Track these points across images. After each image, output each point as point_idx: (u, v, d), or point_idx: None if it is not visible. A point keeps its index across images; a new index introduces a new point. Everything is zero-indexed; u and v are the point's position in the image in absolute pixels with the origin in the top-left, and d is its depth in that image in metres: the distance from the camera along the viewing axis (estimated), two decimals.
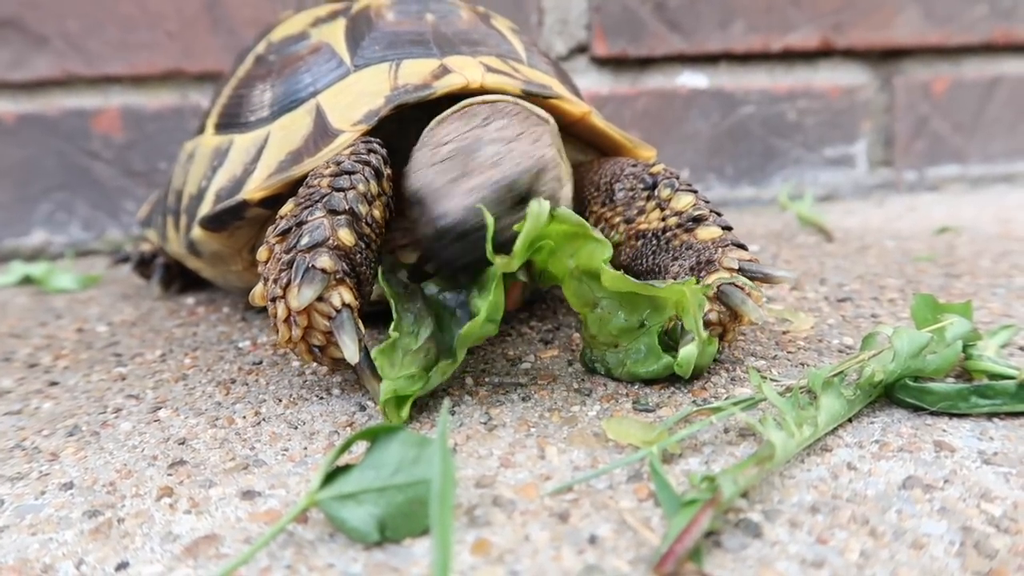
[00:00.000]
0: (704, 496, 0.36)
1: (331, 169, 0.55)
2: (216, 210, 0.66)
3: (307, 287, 0.49)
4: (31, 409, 0.56)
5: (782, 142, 1.38)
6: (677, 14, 1.29)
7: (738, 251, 0.57)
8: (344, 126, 0.61)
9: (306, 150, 0.63)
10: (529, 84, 0.63)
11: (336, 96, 0.64)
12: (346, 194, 0.53)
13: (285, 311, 0.51)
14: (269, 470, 0.45)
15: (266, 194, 0.62)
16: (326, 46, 0.69)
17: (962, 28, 1.40)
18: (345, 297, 0.50)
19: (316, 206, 0.53)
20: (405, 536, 0.37)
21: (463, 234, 0.50)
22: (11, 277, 1.00)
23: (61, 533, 0.39)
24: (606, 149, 0.71)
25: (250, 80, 0.73)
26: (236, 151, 0.69)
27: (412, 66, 0.64)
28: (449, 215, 0.50)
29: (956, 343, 0.50)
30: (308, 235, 0.51)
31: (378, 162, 0.57)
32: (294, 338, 0.51)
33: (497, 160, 0.51)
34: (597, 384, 0.54)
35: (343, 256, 0.51)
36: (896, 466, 0.42)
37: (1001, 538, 0.35)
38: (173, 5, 1.16)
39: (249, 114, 0.71)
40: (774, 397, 0.44)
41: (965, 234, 1.03)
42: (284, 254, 0.51)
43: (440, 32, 0.68)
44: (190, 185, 0.74)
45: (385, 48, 0.67)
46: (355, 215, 0.53)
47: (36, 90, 1.15)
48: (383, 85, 0.63)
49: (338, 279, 0.50)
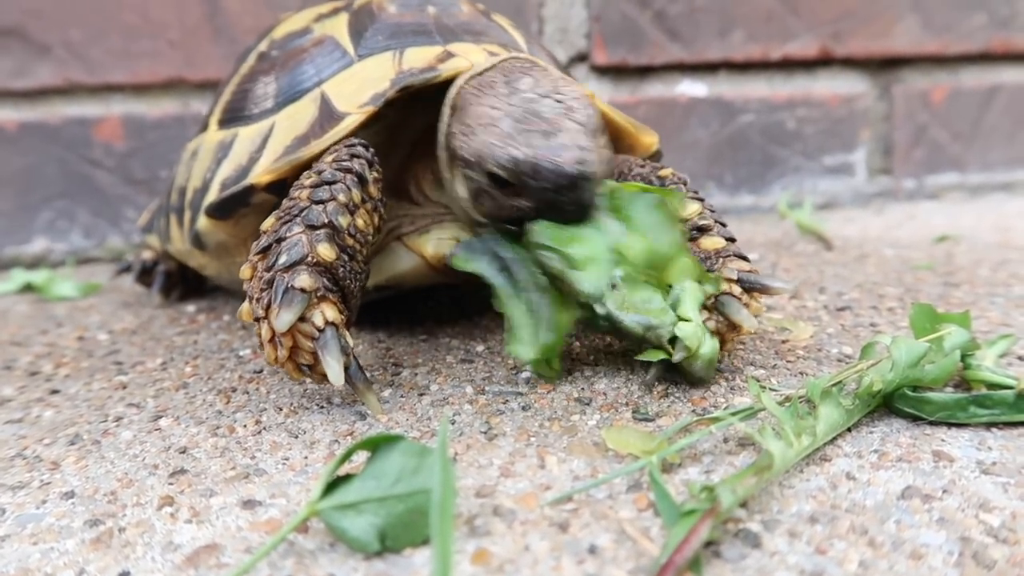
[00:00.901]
0: (703, 506, 0.36)
1: (311, 179, 0.55)
2: (222, 196, 0.66)
3: (286, 310, 0.49)
4: (32, 417, 0.56)
5: (781, 150, 1.38)
6: (677, 23, 1.29)
7: (739, 262, 0.57)
8: (350, 109, 0.62)
9: (312, 134, 0.63)
10: None
11: (341, 84, 0.65)
12: (326, 206, 0.53)
13: (269, 331, 0.50)
14: (270, 479, 0.45)
15: (273, 177, 0.62)
16: (329, 38, 0.70)
17: (960, 37, 1.40)
18: (328, 314, 0.50)
19: (295, 221, 0.52)
20: (405, 546, 0.37)
21: (589, 176, 0.51)
22: (12, 285, 1.00)
23: (62, 542, 0.40)
24: (608, 134, 0.71)
25: (253, 75, 0.74)
26: (241, 142, 0.70)
27: (416, 52, 0.64)
28: (569, 166, 0.50)
29: (954, 353, 0.50)
30: (286, 253, 0.51)
31: (361, 167, 0.57)
32: (280, 358, 0.51)
33: (565, 111, 0.53)
34: (597, 393, 0.54)
35: (324, 272, 0.51)
36: (895, 476, 0.42)
37: (999, 548, 0.36)
38: (175, 14, 1.16)
39: (253, 107, 0.71)
40: (773, 407, 0.44)
41: (964, 243, 1.03)
42: (265, 272, 0.51)
43: (442, 23, 0.69)
44: (194, 180, 0.75)
45: (388, 38, 0.67)
46: (335, 228, 0.53)
47: (38, 98, 1.16)
48: (388, 71, 0.63)
49: (320, 296, 0.50)
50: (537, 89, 0.55)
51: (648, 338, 0.51)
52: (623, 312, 0.51)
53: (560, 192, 0.51)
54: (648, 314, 0.51)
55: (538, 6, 1.25)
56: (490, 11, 0.77)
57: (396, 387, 0.57)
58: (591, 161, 0.51)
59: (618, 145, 0.71)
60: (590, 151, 0.51)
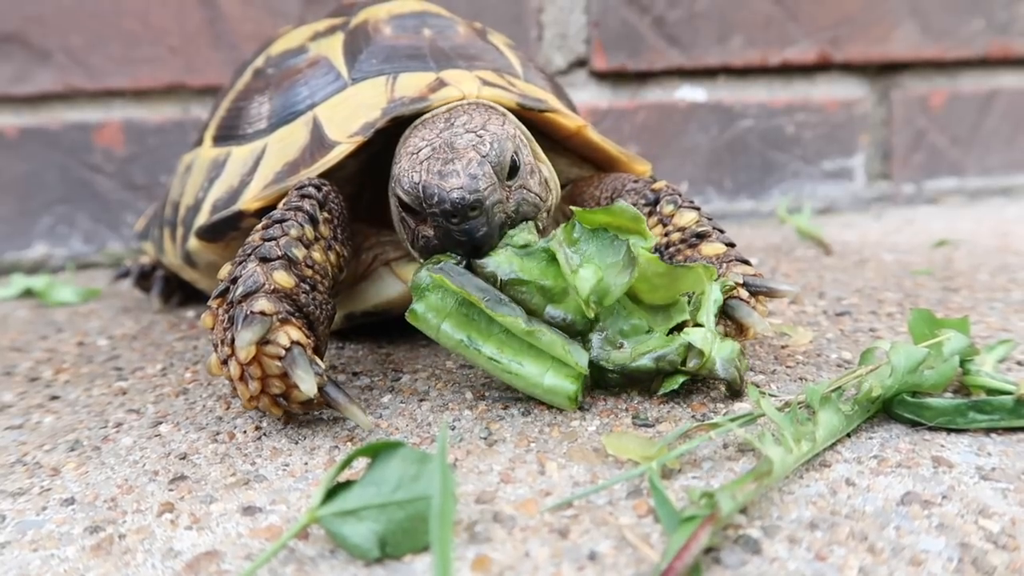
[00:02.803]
0: (703, 512, 0.36)
1: (263, 223, 0.55)
2: (212, 220, 0.66)
3: (246, 331, 0.47)
4: (32, 423, 0.56)
5: (780, 155, 1.39)
6: (676, 29, 1.30)
7: (742, 266, 0.58)
8: (340, 137, 0.62)
9: (302, 161, 0.63)
10: (525, 98, 0.64)
11: (333, 108, 0.65)
12: (277, 241, 0.53)
13: (238, 368, 0.49)
14: (270, 485, 0.45)
15: (262, 204, 0.63)
16: (324, 59, 0.69)
17: (959, 42, 1.41)
18: (293, 335, 0.49)
19: (248, 259, 0.52)
20: (406, 553, 0.37)
21: (474, 205, 0.50)
22: (12, 290, 1.00)
23: (62, 549, 0.40)
24: (601, 163, 0.71)
25: (248, 93, 0.74)
26: (233, 162, 0.70)
27: (409, 79, 0.64)
28: (455, 191, 0.50)
29: (953, 358, 0.50)
30: (242, 285, 0.50)
31: (312, 207, 0.57)
32: (253, 393, 0.49)
33: (477, 143, 0.54)
34: (596, 399, 0.54)
35: (284, 298, 0.51)
36: (894, 482, 0.42)
37: (999, 554, 0.36)
38: (175, 20, 1.17)
39: (247, 126, 0.71)
40: (772, 413, 0.44)
41: (963, 247, 1.03)
42: (225, 313, 0.51)
43: (437, 46, 0.69)
44: (187, 197, 0.75)
45: (382, 62, 0.67)
46: (291, 259, 0.52)
47: (39, 104, 1.16)
48: (380, 98, 0.63)
49: (282, 319, 0.49)
50: (468, 124, 0.56)
51: (663, 368, 0.51)
52: (637, 359, 0.51)
53: (449, 219, 0.51)
54: (651, 347, 0.51)
55: (537, 12, 1.25)
56: (487, 30, 0.77)
57: (396, 393, 0.57)
58: (478, 191, 0.50)
59: (611, 173, 0.72)
60: (480, 180, 0.51)
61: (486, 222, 0.51)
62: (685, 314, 0.52)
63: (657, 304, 0.53)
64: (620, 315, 0.52)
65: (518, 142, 0.56)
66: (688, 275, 0.52)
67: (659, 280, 0.52)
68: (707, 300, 0.52)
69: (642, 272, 0.51)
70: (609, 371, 0.52)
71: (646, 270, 0.51)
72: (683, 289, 0.52)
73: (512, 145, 0.55)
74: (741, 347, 0.52)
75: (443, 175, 0.51)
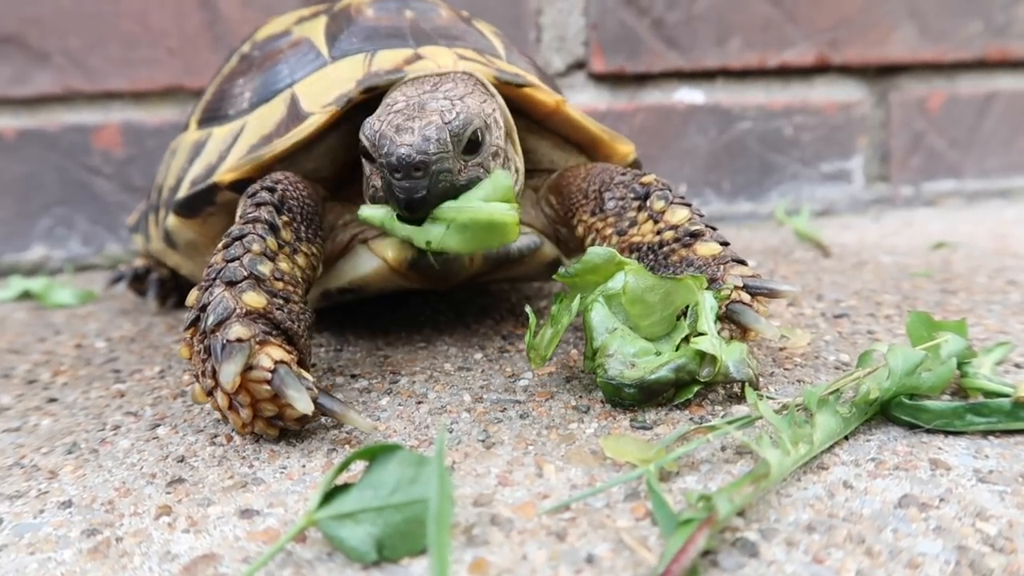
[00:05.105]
0: (701, 515, 0.36)
1: (223, 242, 0.54)
2: (188, 194, 0.67)
3: (228, 363, 0.47)
4: (30, 426, 0.56)
5: (779, 157, 1.39)
6: (674, 31, 1.30)
7: (740, 267, 0.57)
8: (315, 108, 0.63)
9: (276, 133, 0.64)
10: (501, 72, 0.64)
11: (311, 85, 0.66)
12: (241, 260, 0.52)
13: (225, 399, 0.49)
14: (268, 488, 0.45)
15: (236, 176, 0.63)
16: (306, 40, 0.70)
17: (957, 45, 1.41)
18: (275, 355, 0.48)
19: (214, 284, 0.51)
20: (403, 555, 0.37)
21: (418, 165, 0.51)
22: (10, 292, 1.00)
23: (60, 552, 0.39)
24: (583, 144, 0.71)
25: (232, 76, 0.75)
26: (213, 141, 0.70)
27: (387, 54, 0.65)
28: (403, 147, 0.51)
29: (951, 361, 0.50)
30: (212, 313, 0.49)
31: (270, 214, 0.56)
32: (246, 420, 0.49)
33: (445, 110, 0.54)
34: (595, 401, 0.54)
35: (258, 317, 0.50)
36: (892, 484, 0.42)
37: (996, 557, 0.36)
38: (174, 22, 1.17)
39: (229, 108, 0.72)
40: (770, 415, 0.44)
41: (961, 250, 1.03)
42: (200, 344, 0.50)
43: (419, 27, 0.70)
44: (170, 178, 0.76)
45: (363, 41, 0.68)
46: (258, 277, 0.52)
47: (37, 106, 1.16)
48: (357, 72, 0.64)
49: (260, 341, 0.48)
50: (449, 92, 0.57)
51: (682, 379, 0.51)
52: (655, 371, 0.51)
53: (392, 173, 0.52)
54: (667, 360, 0.51)
55: (536, 14, 1.25)
56: (472, 17, 0.77)
57: (394, 395, 0.57)
58: (425, 152, 0.51)
59: (594, 155, 0.72)
60: (431, 144, 0.52)
61: (426, 186, 0.52)
62: (684, 331, 0.52)
63: (658, 336, 0.53)
64: (627, 341, 0.52)
65: (489, 121, 0.57)
66: (679, 289, 0.52)
67: (651, 297, 0.52)
68: (703, 309, 0.51)
69: (633, 292, 0.52)
70: (627, 387, 0.51)
71: (636, 287, 0.52)
72: (677, 307, 0.52)
73: (480, 122, 0.55)
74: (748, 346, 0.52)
75: (399, 130, 0.53)
